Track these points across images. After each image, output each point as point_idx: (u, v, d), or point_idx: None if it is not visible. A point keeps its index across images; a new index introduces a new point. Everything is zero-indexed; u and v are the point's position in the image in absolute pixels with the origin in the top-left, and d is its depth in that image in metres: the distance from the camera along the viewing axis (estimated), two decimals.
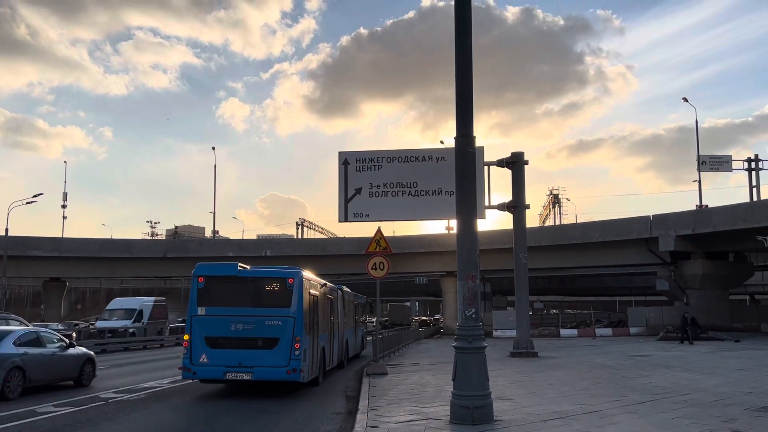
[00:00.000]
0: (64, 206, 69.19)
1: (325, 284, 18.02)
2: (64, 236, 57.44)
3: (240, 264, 14.82)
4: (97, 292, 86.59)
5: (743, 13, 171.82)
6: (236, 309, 14.09)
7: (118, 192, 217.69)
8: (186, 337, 14.07)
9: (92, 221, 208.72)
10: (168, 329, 41.94)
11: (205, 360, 13.74)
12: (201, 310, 14.15)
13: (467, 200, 9.73)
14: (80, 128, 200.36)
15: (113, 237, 65.04)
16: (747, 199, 50.41)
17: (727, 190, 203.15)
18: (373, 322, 53.64)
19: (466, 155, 9.82)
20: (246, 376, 13.69)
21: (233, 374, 13.69)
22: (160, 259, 52.66)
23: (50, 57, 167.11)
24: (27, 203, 48.92)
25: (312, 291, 15.59)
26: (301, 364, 13.82)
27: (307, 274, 15.25)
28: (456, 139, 9.86)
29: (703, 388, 13.11)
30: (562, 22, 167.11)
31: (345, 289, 23.73)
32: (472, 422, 8.86)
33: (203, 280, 14.37)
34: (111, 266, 53.20)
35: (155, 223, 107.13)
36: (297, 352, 13.76)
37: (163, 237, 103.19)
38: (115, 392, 13.88)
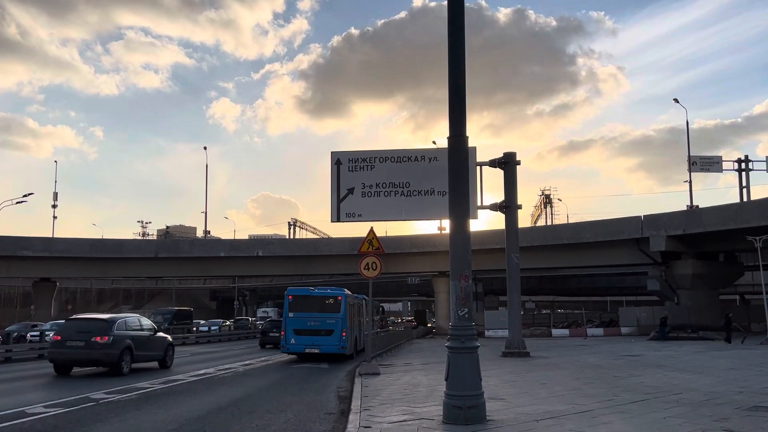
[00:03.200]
0: (54, 206, 68.81)
1: (356, 296, 25.99)
2: (55, 236, 57.11)
3: (311, 287, 27.33)
4: (88, 292, 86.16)
5: (735, 13, 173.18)
6: (310, 313, 24.13)
7: (108, 192, 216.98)
8: (282, 331, 24.64)
9: (83, 221, 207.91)
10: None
11: (294, 342, 23.89)
12: (291, 314, 24.31)
13: (460, 200, 9.73)
14: (71, 128, 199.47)
15: (104, 237, 64.74)
16: (737, 200, 50.79)
17: (717, 191, 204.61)
18: (388, 320, 54.50)
19: (459, 155, 9.82)
20: (316, 350, 23.56)
21: (309, 349, 23.63)
22: (152, 259, 52.44)
23: (40, 56, 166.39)
24: (17, 203, 48.84)
25: (350, 302, 25.14)
26: (346, 344, 23.89)
27: (348, 292, 23.97)
28: (449, 139, 9.85)
29: (695, 388, 13.16)
30: (554, 23, 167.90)
31: (366, 298, 31.75)
32: (464, 422, 8.85)
33: (292, 298, 24.85)
34: (102, 266, 52.92)
35: (146, 223, 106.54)
36: (344, 338, 23.70)
37: (155, 237, 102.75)
38: (106, 393, 13.79)
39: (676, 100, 53.89)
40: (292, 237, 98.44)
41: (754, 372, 16.81)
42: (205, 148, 70.13)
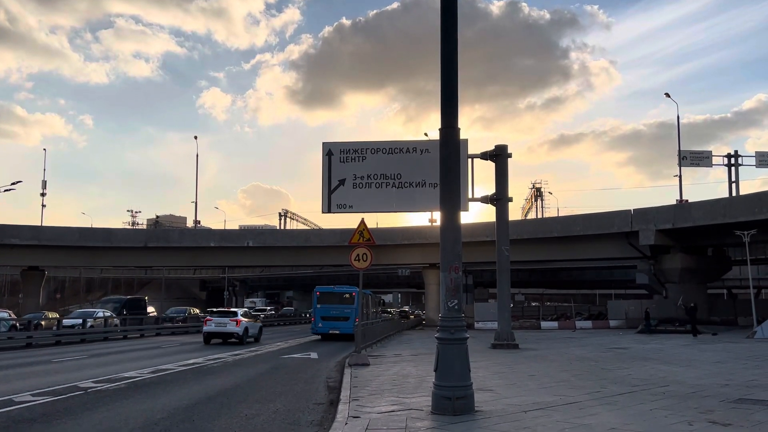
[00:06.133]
0: (43, 194, 68.08)
1: (365, 292, 29.99)
2: (43, 224, 56.72)
3: (333, 286, 37.47)
4: (76, 281, 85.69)
5: (728, 8, 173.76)
6: (332, 305, 33.63)
7: (98, 181, 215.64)
8: (312, 318, 35.09)
9: (72, 210, 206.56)
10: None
11: (321, 325, 33.37)
12: (319, 306, 33.95)
13: (451, 192, 9.72)
14: (60, 116, 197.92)
15: (93, 226, 64.38)
16: (725, 195, 51.08)
17: (706, 186, 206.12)
18: (390, 311, 55.93)
19: (450, 147, 9.81)
20: (337, 331, 32.30)
21: (332, 330, 32.61)
22: (141, 248, 52.20)
23: (29, 44, 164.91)
24: (5, 191, 48.27)
25: (361, 296, 27.58)
26: None
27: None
28: (440, 130, 9.83)
29: (681, 381, 13.28)
30: (548, 16, 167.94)
31: (372, 293, 39.98)
32: (453, 412, 8.90)
33: (319, 293, 34.79)
34: (91, 255, 52.61)
35: (136, 212, 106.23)
36: (356, 323, 26.01)
37: (144, 226, 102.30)
38: (94, 381, 13.76)
39: (668, 95, 53.91)
40: (282, 228, 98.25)
41: (740, 365, 16.98)
42: (195, 137, 69.67)
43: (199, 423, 9.38)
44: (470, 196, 24.70)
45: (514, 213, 79.87)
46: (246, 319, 29.82)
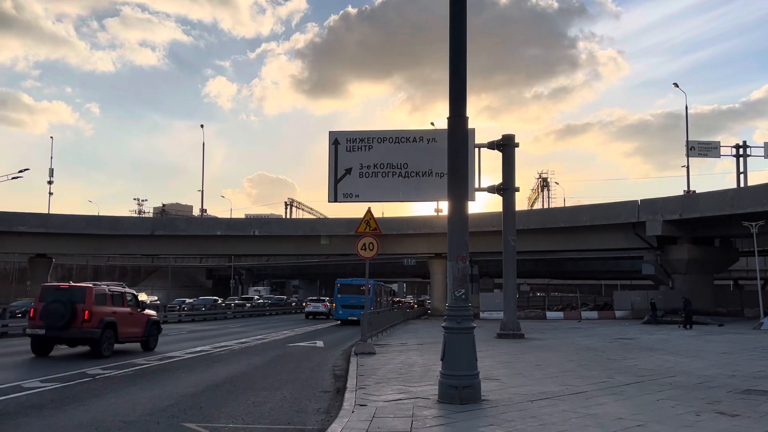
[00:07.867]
0: (50, 182, 68.29)
1: (378, 283, 32.61)
2: (51, 212, 56.94)
3: (352, 278, 42.06)
4: (83, 268, 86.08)
5: None
6: (351, 295, 38.61)
7: (104, 169, 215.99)
8: (333, 304, 41.51)
9: (79, 198, 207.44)
10: None
11: (341, 312, 38.86)
12: (339, 296, 39.57)
13: (459, 182, 9.68)
14: (66, 104, 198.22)
15: (100, 214, 64.59)
16: (733, 185, 50.81)
17: (713, 176, 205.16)
18: (401, 301, 57.15)
19: (458, 136, 9.76)
20: (354, 318, 32.83)
21: (351, 317, 36.06)
22: (148, 236, 52.36)
23: (36, 32, 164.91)
24: (12, 179, 48.42)
25: (375, 287, 31.73)
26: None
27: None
28: (449, 119, 9.78)
29: (688, 371, 13.26)
30: (556, 5, 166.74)
31: (383, 284, 43.68)
32: (459, 401, 8.91)
33: (340, 285, 40.40)
34: (98, 243, 52.81)
35: (142, 200, 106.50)
36: (372, 311, 26.42)
37: (151, 215, 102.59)
38: (102, 368, 13.84)
39: (676, 85, 53.55)
40: (288, 217, 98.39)
41: (746, 356, 16.94)
42: (201, 126, 69.93)
43: (207, 410, 9.43)
44: (477, 185, 24.67)
45: (521, 203, 79.54)
46: (330, 304, 46.57)
